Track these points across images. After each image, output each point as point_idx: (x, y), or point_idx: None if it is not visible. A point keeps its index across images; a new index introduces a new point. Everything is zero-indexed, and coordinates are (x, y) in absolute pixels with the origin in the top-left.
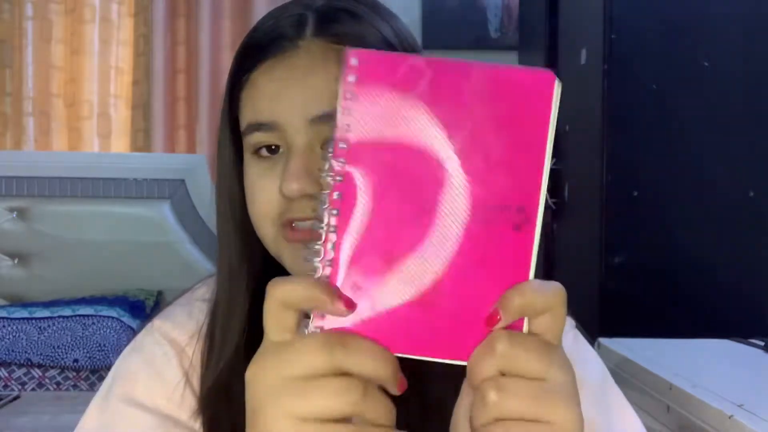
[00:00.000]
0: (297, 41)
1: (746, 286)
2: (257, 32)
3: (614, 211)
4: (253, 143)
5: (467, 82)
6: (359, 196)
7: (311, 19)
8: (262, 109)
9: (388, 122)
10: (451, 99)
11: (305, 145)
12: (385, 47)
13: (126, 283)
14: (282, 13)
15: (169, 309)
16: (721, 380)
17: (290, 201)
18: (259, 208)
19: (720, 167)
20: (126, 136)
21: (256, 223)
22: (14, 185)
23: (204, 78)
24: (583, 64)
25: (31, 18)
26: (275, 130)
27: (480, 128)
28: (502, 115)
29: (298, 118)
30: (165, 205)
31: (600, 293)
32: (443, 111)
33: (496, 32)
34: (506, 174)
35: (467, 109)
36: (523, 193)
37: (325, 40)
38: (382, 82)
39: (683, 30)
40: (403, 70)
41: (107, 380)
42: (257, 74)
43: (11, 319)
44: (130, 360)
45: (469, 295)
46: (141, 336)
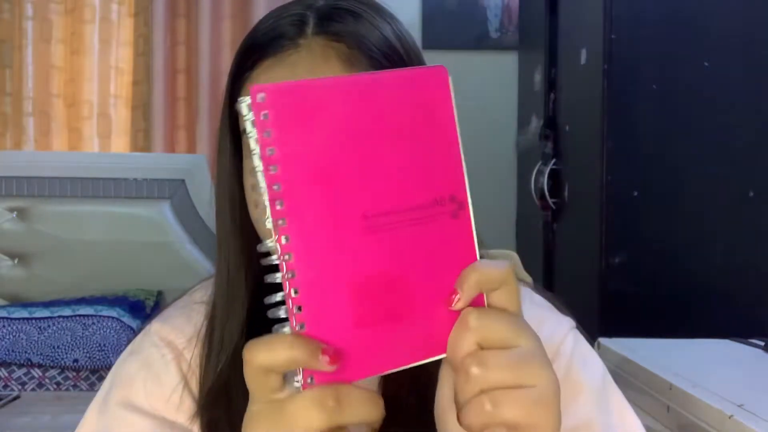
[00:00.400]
0: (297, 40)
1: (746, 286)
2: (257, 32)
3: (614, 211)
4: None
5: (373, 94)
6: (303, 235)
7: (312, 18)
8: None
9: (311, 151)
10: (363, 113)
11: None
12: (385, 47)
13: (126, 283)
14: (282, 12)
15: (167, 312)
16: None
17: None
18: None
19: (720, 167)
20: (126, 136)
21: (257, 222)
22: (14, 185)
23: (204, 78)
24: (583, 64)
25: (31, 18)
26: None
27: (395, 134)
28: (410, 116)
29: None
30: (165, 205)
31: (600, 293)
32: (364, 125)
33: (496, 32)
34: (430, 170)
35: (379, 119)
36: (450, 182)
37: (325, 38)
38: (294, 114)
39: (683, 30)
40: (311, 97)
41: (105, 384)
42: (258, 73)
43: (11, 319)
44: (129, 364)
45: (430, 292)
46: (139, 339)
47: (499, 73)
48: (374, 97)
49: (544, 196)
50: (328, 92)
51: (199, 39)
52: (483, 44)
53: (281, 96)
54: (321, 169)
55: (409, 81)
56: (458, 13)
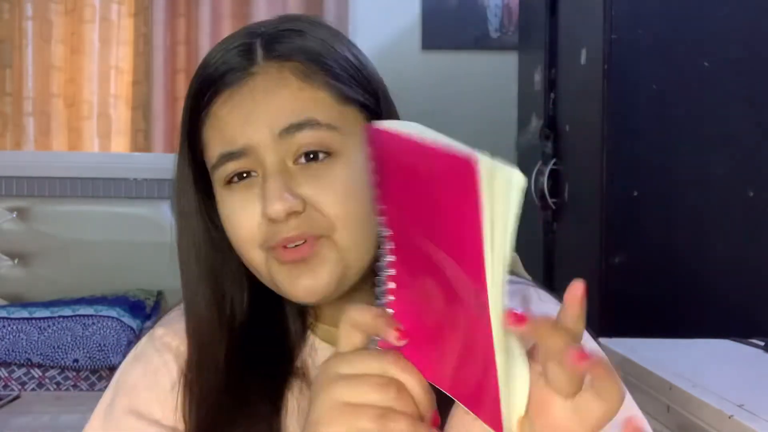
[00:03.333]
0: (250, 69)
1: (746, 286)
2: (208, 68)
3: (614, 211)
4: (227, 174)
5: (426, 168)
6: (402, 281)
7: (258, 45)
8: (231, 137)
9: (400, 188)
10: (420, 180)
11: (277, 163)
12: (337, 57)
13: (126, 283)
14: (228, 45)
15: (170, 316)
16: (721, 380)
17: (274, 223)
18: (243, 235)
19: (720, 167)
20: (126, 136)
21: (242, 253)
22: (14, 185)
23: None
24: (583, 64)
25: (31, 18)
26: (247, 155)
27: (440, 208)
28: (445, 198)
29: (265, 136)
30: (165, 205)
31: (600, 293)
32: (419, 188)
33: (496, 32)
34: (464, 262)
35: (431, 192)
36: (475, 279)
37: (277, 60)
38: (392, 154)
39: (683, 30)
40: (402, 145)
41: (109, 390)
42: (218, 107)
43: (11, 319)
44: (132, 370)
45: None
46: (142, 344)
47: (499, 73)
48: (423, 169)
49: (544, 196)
50: (408, 148)
51: (199, 39)
52: (483, 44)
53: (382, 138)
54: (405, 203)
55: (443, 167)
56: (458, 13)
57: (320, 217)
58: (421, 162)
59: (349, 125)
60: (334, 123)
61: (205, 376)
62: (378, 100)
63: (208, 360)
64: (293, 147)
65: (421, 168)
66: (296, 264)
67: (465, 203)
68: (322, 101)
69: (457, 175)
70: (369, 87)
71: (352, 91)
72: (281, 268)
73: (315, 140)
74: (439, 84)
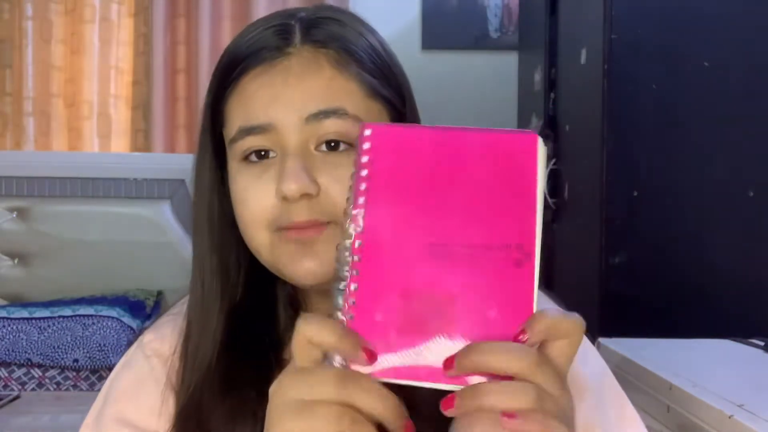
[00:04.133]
0: (285, 49)
1: (746, 286)
2: (241, 43)
3: (614, 211)
4: (244, 149)
5: (467, 146)
6: (373, 244)
7: (297, 28)
8: (256, 112)
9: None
10: (454, 161)
11: (300, 145)
12: (370, 51)
13: (126, 283)
14: (265, 24)
15: (159, 322)
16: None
17: (286, 204)
18: (252, 213)
19: (720, 167)
20: (126, 136)
21: (247, 232)
22: (14, 185)
23: (204, 78)
24: (583, 64)
25: (31, 18)
26: (269, 132)
27: (480, 184)
28: (497, 172)
29: (293, 118)
30: (165, 205)
31: (600, 293)
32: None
33: (496, 32)
34: (505, 218)
35: (468, 169)
36: (521, 233)
37: (313, 45)
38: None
39: (683, 30)
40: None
41: (99, 398)
42: (246, 82)
43: (11, 319)
44: (121, 378)
45: (471, 325)
46: (131, 352)
47: (499, 73)
48: (461, 150)
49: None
50: (422, 138)
51: (199, 39)
52: (483, 44)
53: (383, 134)
54: (401, 194)
55: (497, 143)
56: (458, 13)
57: (332, 205)
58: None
59: (373, 120)
60: (360, 115)
61: (200, 346)
62: (404, 101)
63: (206, 331)
64: (318, 133)
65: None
66: (302, 245)
67: (522, 175)
68: (352, 92)
69: (518, 151)
70: (396, 86)
71: (380, 87)
72: (286, 247)
73: (340, 129)
74: (439, 84)
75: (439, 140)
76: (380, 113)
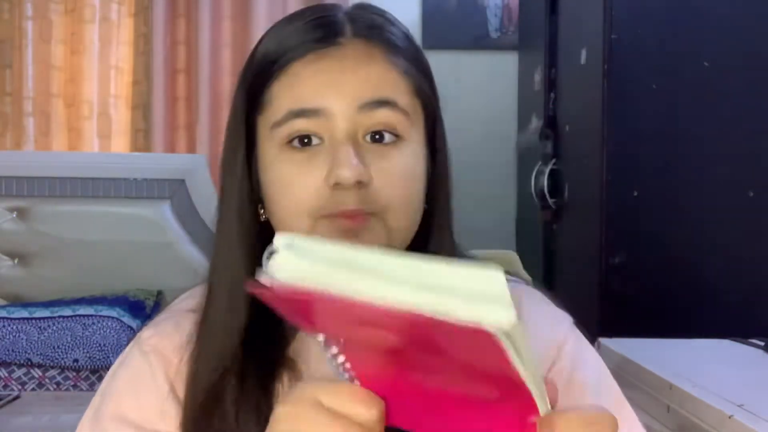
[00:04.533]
0: (336, 39)
1: (746, 286)
2: (286, 33)
3: (614, 211)
4: (290, 132)
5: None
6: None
7: (347, 21)
8: (308, 96)
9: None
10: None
11: (350, 133)
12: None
13: (126, 283)
14: (307, 17)
15: (157, 320)
16: (721, 380)
17: (337, 191)
18: (297, 199)
19: (720, 167)
20: (126, 136)
21: (286, 220)
22: (14, 185)
23: (204, 78)
24: (583, 64)
25: (31, 18)
26: (319, 117)
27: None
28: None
29: (347, 105)
30: (165, 205)
31: (600, 293)
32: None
33: (496, 32)
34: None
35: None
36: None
37: (364, 39)
38: None
39: (683, 30)
40: None
41: (97, 396)
42: (298, 67)
43: (11, 319)
44: (119, 375)
45: None
46: (128, 349)
47: (499, 73)
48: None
49: (544, 196)
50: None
51: (199, 39)
52: (483, 44)
53: None
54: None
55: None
56: (458, 13)
57: (380, 196)
58: (403, 330)
59: (416, 115)
60: (409, 110)
61: (227, 341)
62: (435, 105)
63: (232, 324)
64: (369, 121)
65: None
66: (346, 233)
67: (489, 360)
68: (401, 87)
69: (475, 342)
70: (431, 85)
71: (423, 85)
72: (329, 235)
73: (390, 120)
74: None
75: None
76: (420, 110)
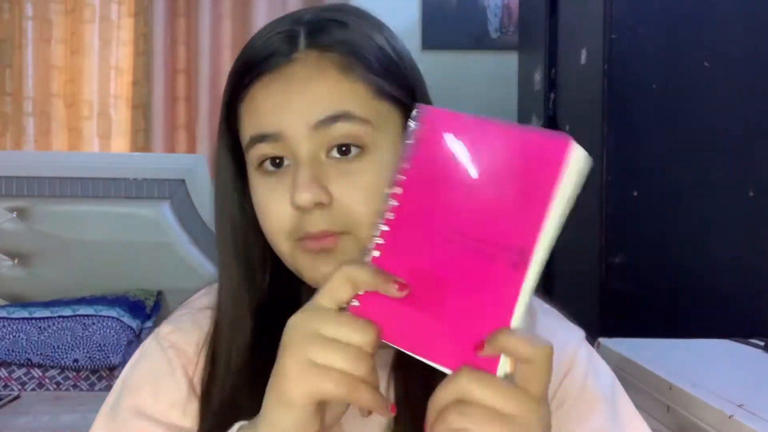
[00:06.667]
0: (291, 55)
1: (746, 286)
2: (251, 49)
3: (614, 211)
4: (257, 156)
5: (502, 143)
6: (408, 210)
7: (302, 33)
8: (265, 121)
9: (437, 166)
10: (488, 156)
11: (310, 154)
12: (377, 52)
13: (126, 283)
14: (272, 29)
15: (175, 316)
16: (721, 380)
17: (303, 213)
18: (273, 224)
19: (720, 167)
20: (126, 136)
21: (271, 240)
22: (14, 185)
23: (204, 78)
24: (583, 64)
25: (31, 18)
26: (279, 141)
27: (505, 183)
28: (523, 173)
29: (301, 126)
30: (165, 205)
31: (600, 293)
32: (480, 164)
33: (496, 32)
34: (516, 221)
35: (498, 166)
36: (526, 238)
37: (318, 50)
38: (438, 133)
39: (683, 30)
40: (457, 124)
41: (115, 389)
42: (255, 90)
43: (11, 319)
44: (138, 369)
45: (464, 315)
46: (147, 343)
47: (499, 73)
48: (496, 147)
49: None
50: (465, 128)
51: (199, 39)
52: (483, 44)
53: (431, 117)
54: (436, 178)
55: (530, 144)
56: (458, 13)
57: (345, 214)
58: (491, 145)
59: (382, 120)
60: (368, 117)
61: (233, 349)
62: (414, 97)
63: (236, 332)
64: (327, 139)
65: (487, 150)
66: (319, 253)
67: (543, 180)
68: (359, 94)
69: (545, 155)
70: (405, 83)
71: (388, 86)
72: (305, 255)
73: (349, 133)
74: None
75: (478, 133)
76: (389, 113)
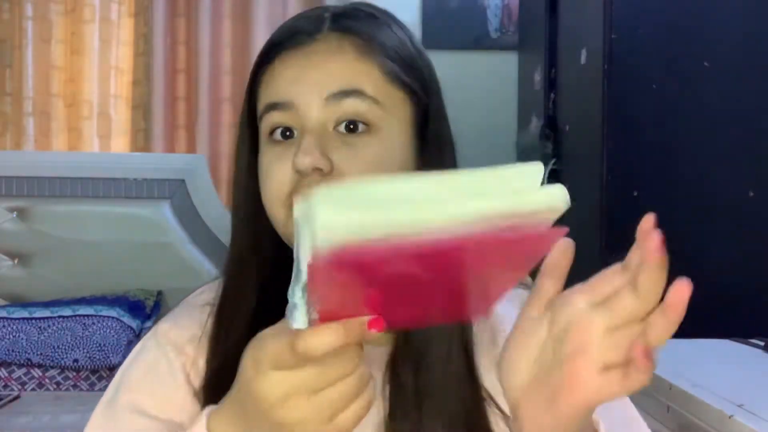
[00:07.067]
0: (314, 35)
1: (746, 286)
2: (279, 30)
3: (614, 211)
4: (269, 124)
5: None
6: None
7: (328, 17)
8: (280, 90)
9: None
10: None
11: (319, 124)
12: (396, 42)
13: (126, 283)
14: (301, 15)
15: (174, 312)
16: (721, 380)
17: (301, 179)
18: (271, 189)
19: (720, 167)
20: (126, 136)
21: (267, 208)
22: (14, 185)
23: (204, 78)
24: (583, 64)
25: (31, 18)
26: (291, 110)
27: None
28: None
29: (313, 97)
30: (165, 205)
31: None
32: None
33: (496, 32)
34: None
35: None
36: None
37: (340, 32)
38: None
39: (683, 30)
40: None
41: (112, 385)
42: (276, 64)
43: (11, 319)
44: (135, 366)
45: None
46: (145, 340)
47: (499, 73)
48: None
49: None
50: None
51: (199, 39)
52: (483, 44)
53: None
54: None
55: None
56: (458, 13)
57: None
58: None
59: (392, 104)
60: (379, 98)
61: (236, 310)
62: (427, 93)
63: (241, 295)
64: (337, 113)
65: None
66: None
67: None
68: (373, 76)
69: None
70: (420, 75)
71: (402, 73)
72: None
73: (358, 110)
74: None
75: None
76: (403, 100)
